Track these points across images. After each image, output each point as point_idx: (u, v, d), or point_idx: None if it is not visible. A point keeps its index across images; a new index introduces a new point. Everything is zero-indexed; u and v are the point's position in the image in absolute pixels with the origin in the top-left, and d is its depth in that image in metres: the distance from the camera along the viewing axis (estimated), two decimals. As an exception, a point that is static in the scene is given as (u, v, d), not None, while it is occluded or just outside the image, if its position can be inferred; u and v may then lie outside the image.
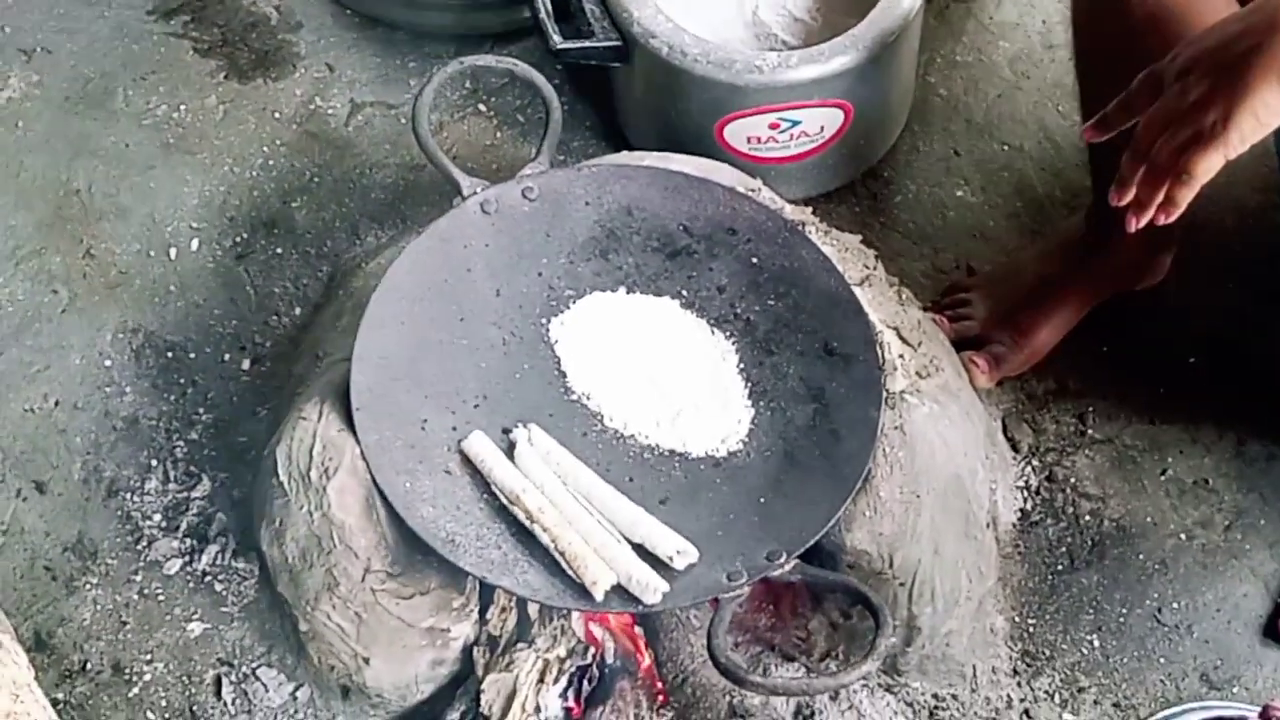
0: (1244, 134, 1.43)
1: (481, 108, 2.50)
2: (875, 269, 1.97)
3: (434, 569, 1.75)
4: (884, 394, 1.77)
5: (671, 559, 1.65)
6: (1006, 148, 2.46)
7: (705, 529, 1.70)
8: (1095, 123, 1.60)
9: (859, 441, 1.74)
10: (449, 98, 2.48)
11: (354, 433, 1.73)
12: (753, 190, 1.97)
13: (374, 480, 1.71)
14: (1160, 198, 1.52)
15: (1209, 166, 1.46)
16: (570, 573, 1.63)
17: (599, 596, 1.62)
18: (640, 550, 1.66)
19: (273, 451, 1.81)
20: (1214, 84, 1.45)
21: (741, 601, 1.65)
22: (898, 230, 2.37)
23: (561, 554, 1.64)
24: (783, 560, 1.64)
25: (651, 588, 1.61)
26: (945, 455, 1.83)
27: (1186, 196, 1.50)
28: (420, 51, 2.54)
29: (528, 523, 1.67)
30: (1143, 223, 1.55)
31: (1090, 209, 2.17)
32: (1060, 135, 2.45)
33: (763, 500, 1.73)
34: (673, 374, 1.83)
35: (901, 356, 1.84)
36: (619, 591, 1.63)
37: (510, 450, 1.74)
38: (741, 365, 1.83)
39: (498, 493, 1.70)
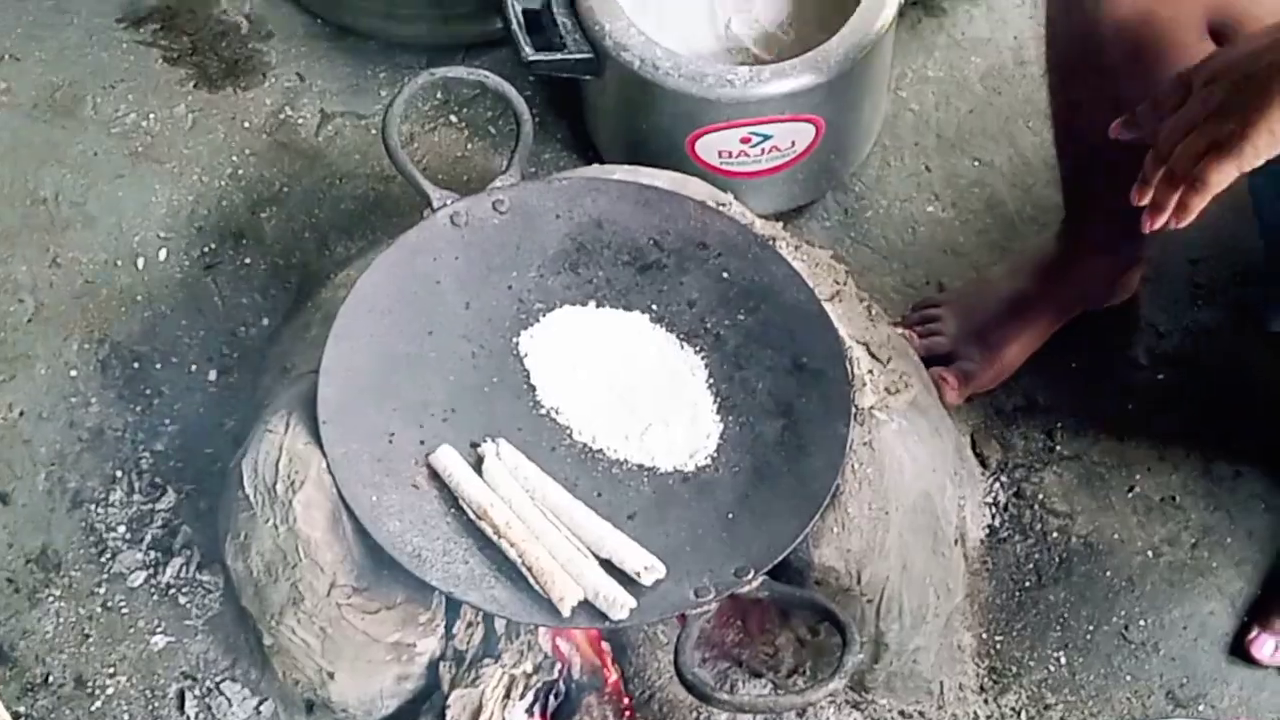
0: (1259, 148, 1.43)
1: (453, 119, 2.49)
2: (845, 284, 1.96)
3: (400, 584, 1.74)
4: (853, 410, 1.76)
5: (639, 575, 1.64)
6: (977, 163, 2.46)
7: (673, 545, 1.69)
8: (1124, 120, 1.61)
9: (827, 457, 1.73)
10: (420, 109, 2.48)
11: (320, 446, 1.72)
12: (723, 204, 1.96)
13: (340, 494, 1.70)
14: (1175, 202, 1.52)
15: (1223, 176, 1.46)
16: (537, 588, 1.62)
17: (566, 612, 1.61)
18: (608, 566, 1.65)
19: (238, 464, 1.79)
20: (1234, 95, 1.45)
21: (709, 617, 1.65)
22: (868, 245, 2.37)
23: (529, 569, 1.63)
24: (750, 577, 1.63)
25: (619, 603, 1.60)
26: (914, 471, 1.83)
27: (1198, 204, 1.50)
28: (391, 62, 2.53)
29: (495, 537, 1.66)
30: (1158, 225, 1.55)
31: (1061, 228, 2.17)
32: (1031, 151, 2.45)
33: (731, 516, 1.72)
34: (642, 388, 1.82)
35: (871, 372, 1.84)
36: (586, 607, 1.62)
37: (478, 464, 1.73)
38: (711, 380, 1.82)
39: (465, 507, 1.69)
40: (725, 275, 1.88)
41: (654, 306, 1.87)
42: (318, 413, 1.73)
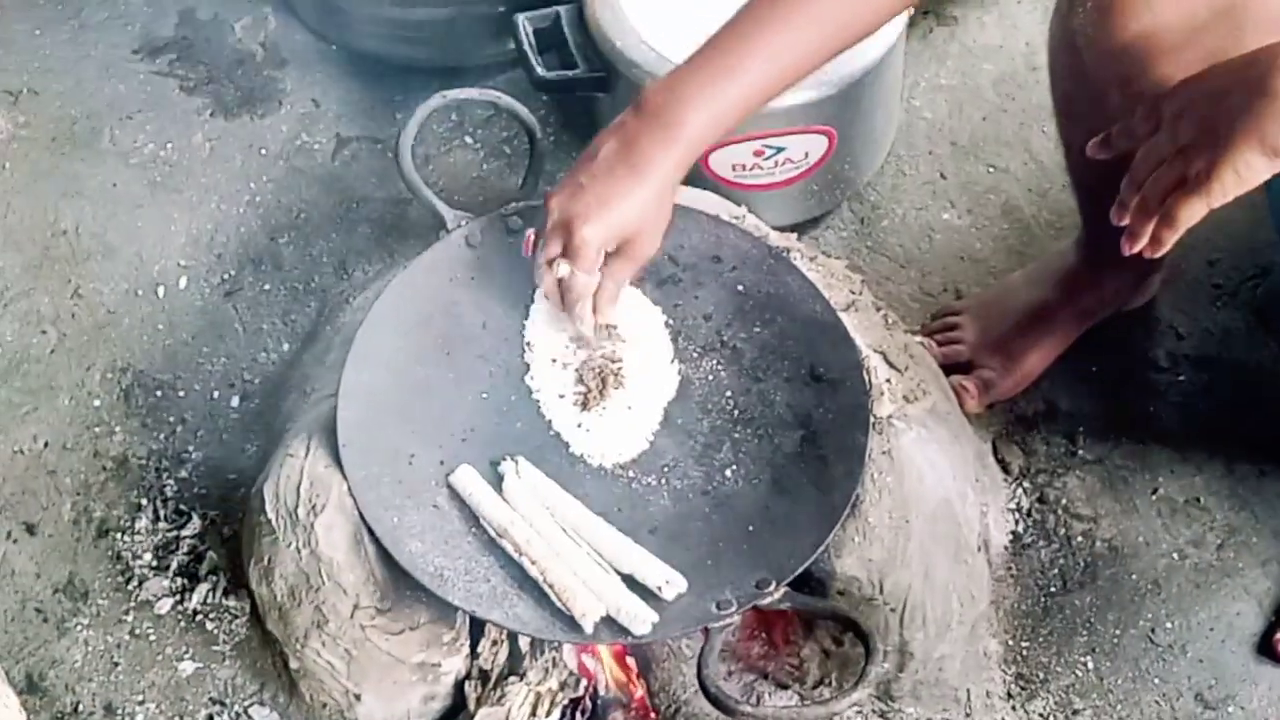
0: (1225, 188, 1.44)
1: (468, 140, 2.50)
2: (861, 294, 1.96)
3: (423, 604, 1.74)
4: (871, 419, 1.77)
5: (660, 589, 1.64)
6: (992, 170, 2.46)
7: (694, 558, 1.69)
8: (1099, 142, 1.62)
9: (847, 467, 1.73)
10: (435, 130, 2.49)
11: (341, 469, 1.73)
12: (737, 218, 1.97)
13: (362, 516, 1.71)
14: (1150, 231, 1.53)
15: (1191, 214, 1.47)
16: (559, 605, 1.63)
17: (588, 628, 1.61)
18: (629, 581, 1.66)
19: (260, 489, 1.80)
20: (1200, 134, 1.45)
21: (733, 630, 1.65)
22: (885, 254, 2.37)
23: (550, 586, 1.64)
24: (772, 589, 1.63)
25: (640, 619, 1.61)
26: (934, 479, 1.83)
27: (1170, 238, 1.51)
28: (406, 85, 2.55)
29: (516, 555, 1.66)
30: (1135, 249, 1.56)
31: (1080, 238, 2.17)
32: (1046, 156, 2.45)
33: (751, 528, 1.72)
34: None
35: (888, 381, 1.84)
36: (608, 623, 1.63)
37: (498, 483, 1.74)
38: (729, 393, 1.83)
39: (486, 526, 1.70)
40: (740, 288, 1.88)
41: (670, 320, 1.88)
42: (338, 436, 1.74)
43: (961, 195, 2.43)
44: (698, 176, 2.18)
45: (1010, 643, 2.00)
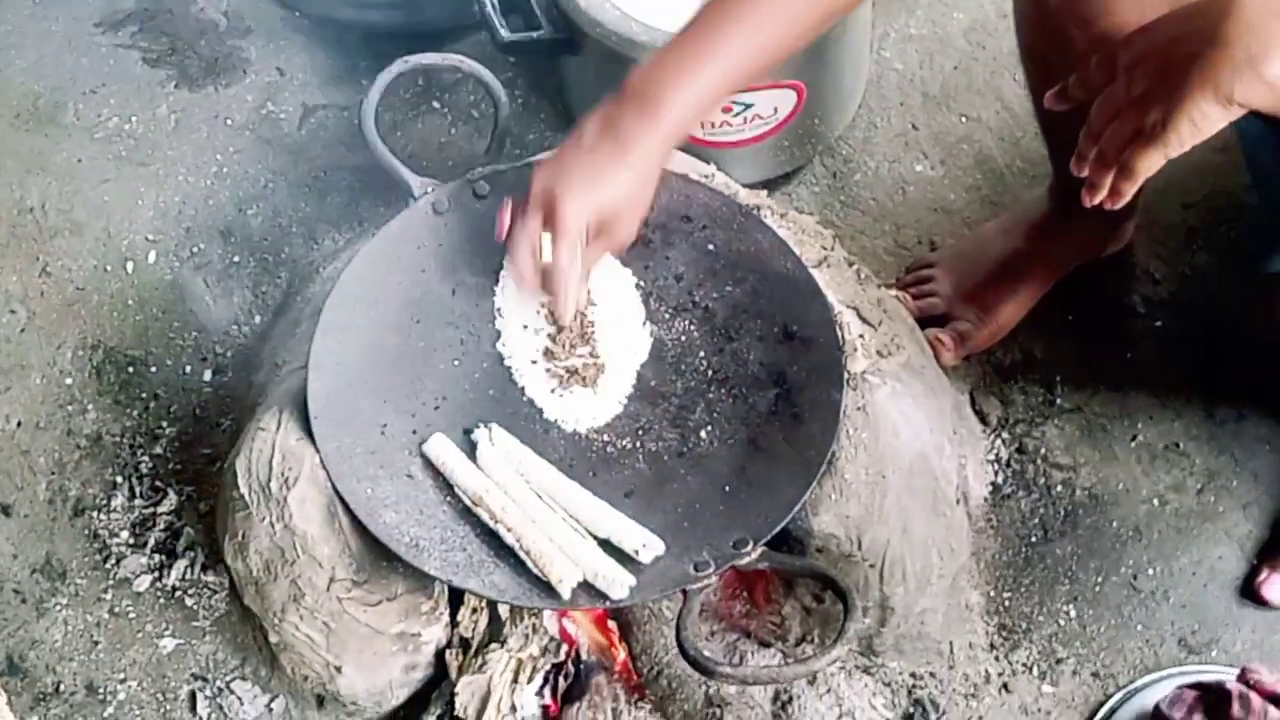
0: (1182, 138, 1.43)
1: (435, 105, 2.49)
2: (833, 249, 1.95)
3: (400, 574, 1.74)
4: (845, 375, 1.76)
5: (638, 552, 1.63)
6: (965, 119, 2.45)
7: (671, 521, 1.69)
8: (1055, 93, 1.61)
9: (822, 424, 1.72)
10: (402, 96, 2.47)
11: (313, 441, 1.72)
12: (706, 176, 1.95)
13: (335, 488, 1.70)
14: (1109, 183, 1.52)
15: (1149, 165, 1.46)
16: (536, 571, 1.62)
17: (565, 594, 1.61)
18: (606, 545, 1.65)
19: (232, 464, 1.79)
20: (1156, 84, 1.44)
21: (714, 590, 1.65)
22: (858, 208, 2.36)
23: (527, 553, 1.63)
24: (749, 549, 1.63)
25: (618, 583, 1.60)
26: (910, 433, 1.82)
27: (1129, 190, 1.50)
28: (371, 51, 2.52)
29: (492, 523, 1.66)
30: (1095, 201, 1.55)
31: (1052, 185, 2.16)
32: (1018, 104, 2.44)
33: (728, 488, 1.71)
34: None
35: (862, 336, 1.83)
36: (586, 588, 1.62)
37: (472, 451, 1.73)
38: (702, 353, 1.82)
39: (460, 495, 1.69)
40: (711, 247, 1.87)
41: (641, 282, 1.86)
42: (309, 408, 1.73)
43: (934, 146, 2.42)
44: (667, 135, 2.16)
45: (992, 594, 2.00)
